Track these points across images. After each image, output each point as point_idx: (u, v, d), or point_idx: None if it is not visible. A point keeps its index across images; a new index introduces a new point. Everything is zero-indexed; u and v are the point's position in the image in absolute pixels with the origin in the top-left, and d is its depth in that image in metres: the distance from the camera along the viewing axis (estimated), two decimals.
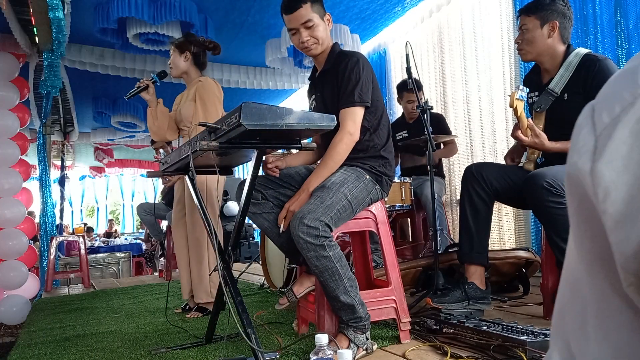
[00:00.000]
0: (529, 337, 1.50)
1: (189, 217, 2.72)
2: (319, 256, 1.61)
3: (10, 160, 4.22)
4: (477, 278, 2.06)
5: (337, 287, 1.65)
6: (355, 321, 1.69)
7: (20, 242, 4.14)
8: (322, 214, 1.62)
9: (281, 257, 3.12)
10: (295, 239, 1.61)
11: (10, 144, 4.24)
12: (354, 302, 1.67)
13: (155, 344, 2.14)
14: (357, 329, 1.69)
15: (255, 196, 1.88)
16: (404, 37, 4.86)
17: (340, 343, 1.68)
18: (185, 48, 2.71)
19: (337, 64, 1.89)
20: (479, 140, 4.04)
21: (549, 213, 1.83)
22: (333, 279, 1.64)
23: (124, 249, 8.33)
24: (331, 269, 1.63)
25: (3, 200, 4.11)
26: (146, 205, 4.75)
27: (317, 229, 1.59)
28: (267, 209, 1.91)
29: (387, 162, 1.90)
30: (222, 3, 4.30)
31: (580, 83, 1.95)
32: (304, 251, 1.61)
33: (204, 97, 2.64)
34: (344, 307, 1.68)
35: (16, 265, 4.11)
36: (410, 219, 3.65)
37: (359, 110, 1.82)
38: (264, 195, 1.90)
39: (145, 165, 10.82)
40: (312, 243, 1.59)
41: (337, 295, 1.66)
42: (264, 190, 1.91)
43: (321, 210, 1.63)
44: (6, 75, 4.26)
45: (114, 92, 6.37)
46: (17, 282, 4.07)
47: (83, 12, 4.03)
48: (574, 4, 3.09)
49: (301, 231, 1.58)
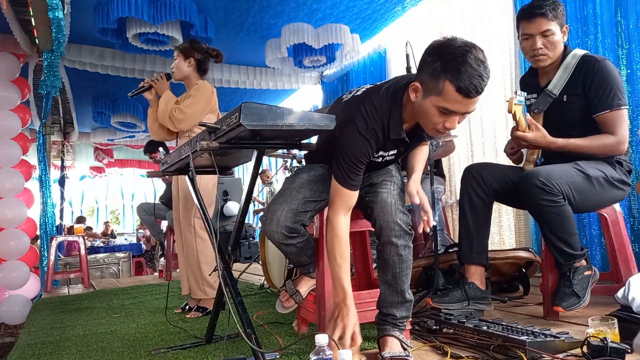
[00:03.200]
0: (529, 337, 1.49)
1: (182, 216, 2.76)
2: (406, 245, 1.60)
3: (12, 160, 4.24)
4: (477, 278, 2.06)
5: (407, 280, 1.62)
6: (403, 320, 1.65)
7: (22, 242, 4.16)
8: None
9: (281, 257, 3.11)
10: (390, 228, 1.59)
11: (12, 145, 4.26)
12: (412, 299, 1.65)
13: (155, 344, 2.14)
14: (402, 330, 1.64)
15: (297, 229, 1.69)
16: (404, 37, 4.86)
17: (391, 346, 1.58)
18: (190, 54, 2.77)
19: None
20: (479, 140, 4.04)
21: (543, 211, 1.84)
22: (406, 273, 1.61)
23: (124, 249, 8.34)
24: (409, 262, 1.61)
25: (5, 200, 4.12)
26: (146, 205, 4.75)
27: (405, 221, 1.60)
28: (301, 238, 1.80)
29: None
30: (222, 3, 4.30)
31: (579, 85, 1.95)
32: (396, 239, 1.57)
33: (193, 94, 2.71)
34: (405, 303, 1.63)
35: (18, 265, 4.12)
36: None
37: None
38: (303, 224, 1.72)
39: (145, 165, 10.82)
40: (406, 231, 1.59)
41: (404, 290, 1.62)
42: (306, 221, 1.72)
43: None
44: (7, 76, 4.28)
45: (113, 92, 6.37)
46: (19, 282, 4.08)
47: (83, 12, 4.03)
48: (574, 4, 3.09)
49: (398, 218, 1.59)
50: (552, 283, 2.00)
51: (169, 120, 2.69)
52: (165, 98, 2.73)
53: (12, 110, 4.30)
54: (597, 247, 2.93)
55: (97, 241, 9.86)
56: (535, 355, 1.46)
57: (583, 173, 1.88)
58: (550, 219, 1.84)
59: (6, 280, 4.03)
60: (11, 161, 4.24)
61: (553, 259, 1.94)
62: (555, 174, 1.83)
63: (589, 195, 1.90)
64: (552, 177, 1.80)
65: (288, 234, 1.66)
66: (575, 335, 1.59)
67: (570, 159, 1.94)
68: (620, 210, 2.08)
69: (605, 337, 1.38)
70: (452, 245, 2.78)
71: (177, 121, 2.66)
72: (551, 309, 1.95)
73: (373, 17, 4.76)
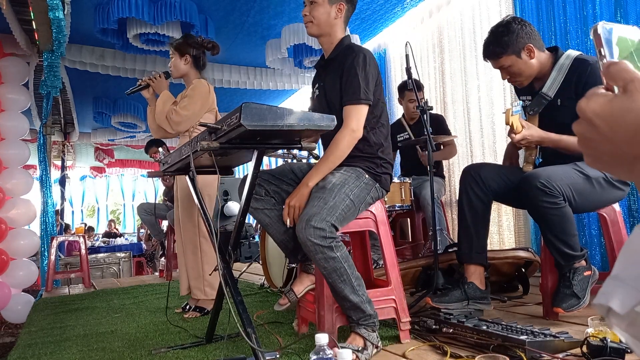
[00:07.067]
0: (528, 337, 1.50)
1: (182, 216, 2.76)
2: (327, 257, 1.61)
3: (21, 160, 4.32)
4: (477, 278, 2.06)
5: (345, 287, 1.65)
6: (366, 319, 1.69)
7: (31, 241, 4.22)
8: (328, 214, 1.62)
9: (281, 257, 3.12)
10: (303, 241, 1.60)
11: (21, 145, 4.33)
12: (362, 300, 1.68)
13: (155, 343, 2.14)
14: (368, 326, 1.69)
15: (258, 191, 1.88)
16: (403, 37, 4.86)
17: (355, 342, 1.67)
18: (185, 51, 2.75)
19: (343, 56, 1.88)
20: (478, 140, 4.04)
21: (543, 213, 1.84)
22: (341, 280, 1.64)
23: (125, 249, 8.34)
24: (339, 270, 1.63)
25: (15, 200, 4.18)
26: (146, 205, 4.75)
27: (324, 230, 1.59)
28: (269, 205, 1.91)
29: (385, 161, 1.90)
30: (223, 3, 4.30)
31: (572, 87, 1.95)
32: (312, 254, 1.61)
33: (189, 94, 2.70)
34: (353, 307, 1.68)
35: (26, 264, 4.18)
36: (410, 219, 3.65)
37: (363, 108, 1.82)
38: (266, 190, 1.90)
39: (146, 165, 10.83)
40: (320, 245, 1.59)
41: (347, 295, 1.66)
42: (266, 186, 1.90)
43: (326, 210, 1.62)
44: (18, 79, 4.36)
45: (114, 92, 6.37)
46: (27, 280, 4.15)
47: (83, 12, 4.03)
48: (574, 4, 3.10)
49: (308, 233, 1.58)
50: (551, 283, 2.00)
51: (166, 121, 2.68)
52: (162, 98, 2.73)
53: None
54: (597, 247, 2.93)
55: (97, 240, 9.86)
56: (535, 355, 1.47)
57: (583, 174, 1.88)
58: (551, 220, 1.84)
59: (15, 278, 4.08)
60: (20, 161, 4.31)
61: (553, 259, 1.94)
62: (555, 176, 1.83)
63: (589, 196, 1.90)
64: (552, 179, 1.81)
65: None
66: (574, 335, 1.59)
67: (569, 159, 1.94)
68: (620, 210, 2.09)
69: (605, 337, 1.38)
70: (451, 245, 2.79)
71: (174, 124, 2.65)
72: (551, 308, 1.95)
73: (373, 18, 4.76)
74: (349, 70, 1.83)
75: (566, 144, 1.92)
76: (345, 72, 1.83)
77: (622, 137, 0.42)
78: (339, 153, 1.78)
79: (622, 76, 0.42)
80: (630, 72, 0.42)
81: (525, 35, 1.98)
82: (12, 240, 4.07)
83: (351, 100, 1.81)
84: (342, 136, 1.78)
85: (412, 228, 3.63)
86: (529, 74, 2.03)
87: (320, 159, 1.84)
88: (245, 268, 4.07)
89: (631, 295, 0.38)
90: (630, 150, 0.42)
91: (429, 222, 3.39)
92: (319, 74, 2.04)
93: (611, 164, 0.45)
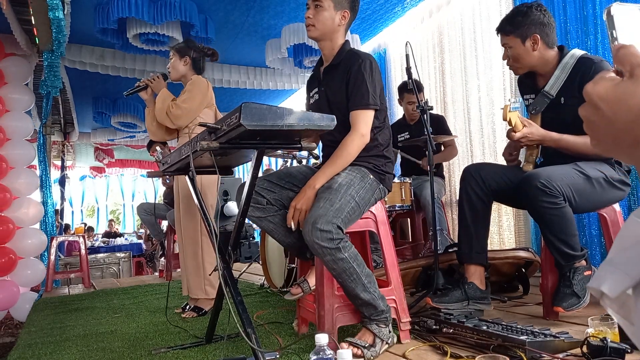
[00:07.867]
0: (528, 337, 1.50)
1: (183, 215, 2.76)
2: (335, 259, 1.61)
3: (27, 160, 4.34)
4: (477, 278, 2.06)
5: (356, 286, 1.66)
6: (378, 315, 1.71)
7: (38, 240, 4.24)
8: (334, 216, 1.62)
9: (281, 257, 3.12)
10: (310, 244, 1.60)
11: (26, 145, 4.35)
12: (374, 297, 1.69)
13: (155, 343, 2.14)
14: (379, 322, 1.71)
15: (260, 201, 1.88)
16: (404, 37, 4.86)
17: (365, 338, 1.70)
18: (185, 53, 2.77)
19: (348, 61, 1.89)
20: (478, 140, 4.04)
21: (543, 213, 1.84)
22: (351, 279, 1.65)
23: (124, 249, 8.34)
24: (348, 270, 1.64)
25: (21, 199, 4.20)
26: (146, 205, 4.75)
27: (330, 232, 1.59)
28: (272, 212, 1.91)
29: (389, 161, 1.93)
30: (223, 3, 4.30)
31: (576, 86, 1.95)
32: (321, 256, 1.61)
33: (188, 89, 2.71)
34: (365, 304, 1.69)
35: (33, 263, 4.20)
36: (410, 219, 3.65)
37: (371, 113, 1.84)
38: (267, 200, 1.90)
39: (146, 165, 10.84)
40: (328, 247, 1.59)
41: (358, 294, 1.67)
42: (267, 195, 1.90)
43: (332, 212, 1.63)
44: (21, 79, 4.37)
45: (114, 92, 6.37)
46: (35, 279, 4.18)
47: (83, 12, 4.03)
48: (574, 4, 3.09)
49: (315, 236, 1.58)
50: (551, 283, 2.00)
51: (166, 117, 2.68)
52: (162, 96, 2.73)
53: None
54: (597, 247, 2.93)
55: (97, 240, 9.86)
56: (535, 355, 1.47)
57: (583, 174, 1.88)
58: (551, 220, 1.84)
59: (23, 277, 4.09)
60: (26, 161, 4.33)
61: (553, 259, 1.94)
62: (555, 176, 1.83)
63: (589, 196, 1.90)
64: (552, 179, 1.80)
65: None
66: (575, 335, 1.59)
67: (570, 159, 1.94)
68: (620, 210, 2.08)
69: (605, 337, 1.38)
70: (451, 245, 2.78)
71: (174, 117, 2.66)
72: (551, 308, 1.95)
73: (373, 18, 4.76)
74: (356, 75, 1.84)
75: (567, 143, 1.92)
76: (353, 78, 1.85)
77: (624, 120, 0.43)
78: (348, 157, 1.80)
79: (629, 60, 0.43)
80: (637, 57, 0.42)
81: (539, 26, 1.99)
82: (20, 240, 4.09)
83: (360, 105, 1.83)
84: (351, 140, 1.80)
85: (412, 228, 3.63)
86: (526, 63, 2.03)
87: (327, 161, 1.84)
88: (245, 268, 4.07)
89: (621, 279, 0.40)
90: (631, 134, 0.43)
91: (429, 222, 3.39)
92: (317, 79, 2.04)
93: (613, 147, 0.46)
